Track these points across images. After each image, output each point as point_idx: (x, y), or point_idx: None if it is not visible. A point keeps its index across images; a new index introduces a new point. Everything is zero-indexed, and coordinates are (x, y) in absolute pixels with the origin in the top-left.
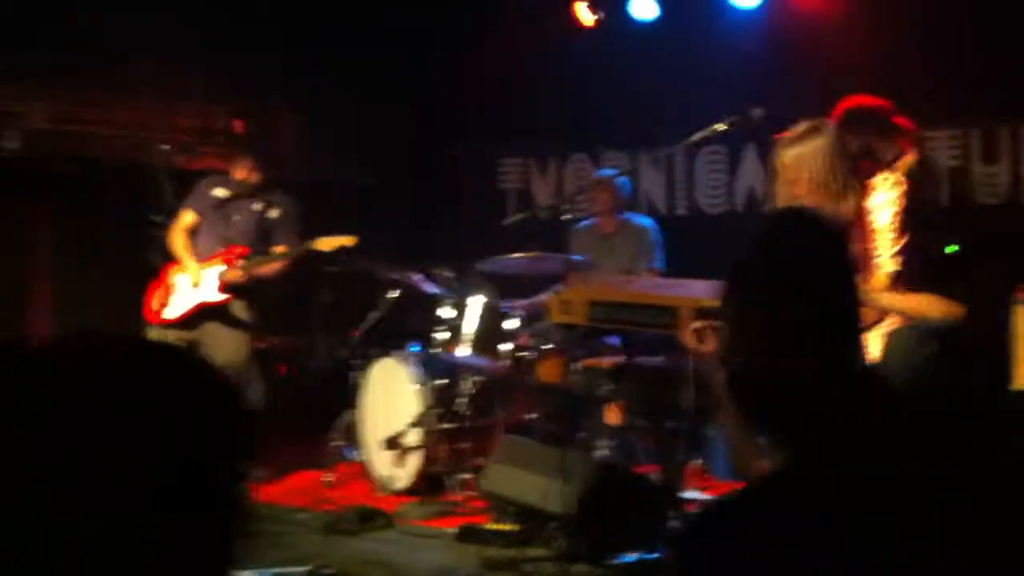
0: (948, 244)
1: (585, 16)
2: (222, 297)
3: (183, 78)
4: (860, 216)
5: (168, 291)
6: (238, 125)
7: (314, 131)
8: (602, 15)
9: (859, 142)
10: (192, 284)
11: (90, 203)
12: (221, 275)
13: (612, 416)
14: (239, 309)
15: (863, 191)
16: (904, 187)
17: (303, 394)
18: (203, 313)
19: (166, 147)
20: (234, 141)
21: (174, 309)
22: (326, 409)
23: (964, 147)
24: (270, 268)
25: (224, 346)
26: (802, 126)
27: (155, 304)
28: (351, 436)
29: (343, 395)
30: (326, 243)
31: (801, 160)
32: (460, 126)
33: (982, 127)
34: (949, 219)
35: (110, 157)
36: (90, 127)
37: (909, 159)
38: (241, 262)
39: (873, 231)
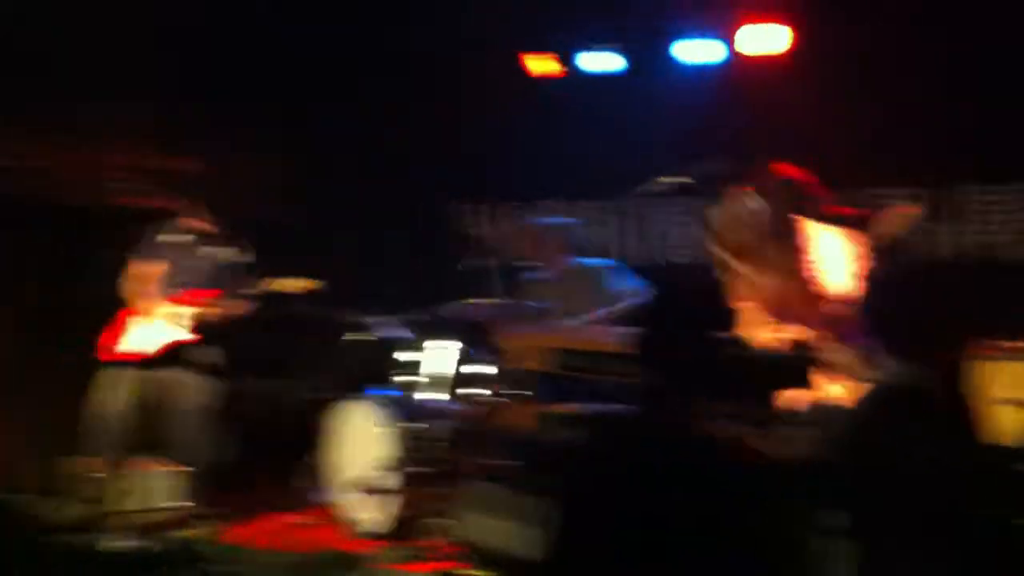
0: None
1: (543, 67)
2: (185, 338)
3: (139, 119)
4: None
5: (126, 332)
6: (191, 166)
7: (275, 176)
8: (567, 67)
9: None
10: (150, 327)
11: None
12: (182, 318)
13: None
14: (201, 353)
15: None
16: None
17: (269, 437)
18: (165, 356)
19: (120, 186)
20: (187, 183)
21: (134, 348)
22: (292, 451)
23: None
24: (228, 311)
25: (188, 389)
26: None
27: (112, 343)
28: (318, 478)
29: (308, 437)
30: (287, 284)
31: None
32: (419, 173)
33: (932, 188)
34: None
35: (63, 196)
36: (43, 165)
37: None
38: (202, 305)
39: None
